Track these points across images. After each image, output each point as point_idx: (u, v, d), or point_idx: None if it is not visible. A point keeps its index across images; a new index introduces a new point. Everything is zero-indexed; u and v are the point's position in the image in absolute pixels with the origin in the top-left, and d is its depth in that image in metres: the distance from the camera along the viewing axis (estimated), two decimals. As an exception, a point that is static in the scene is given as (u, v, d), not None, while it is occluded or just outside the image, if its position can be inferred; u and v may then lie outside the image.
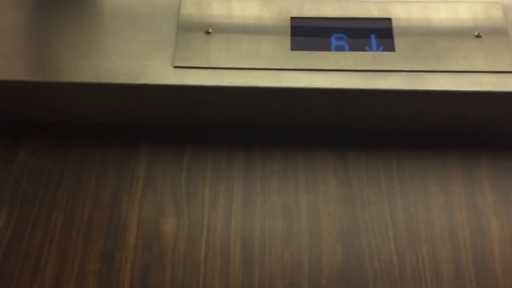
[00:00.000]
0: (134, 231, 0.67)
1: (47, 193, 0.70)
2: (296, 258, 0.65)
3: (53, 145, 0.74)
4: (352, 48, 0.73)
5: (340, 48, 0.73)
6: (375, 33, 0.74)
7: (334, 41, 0.73)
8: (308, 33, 0.74)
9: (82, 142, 0.74)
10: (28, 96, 0.72)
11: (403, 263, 0.65)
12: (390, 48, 0.73)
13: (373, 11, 0.76)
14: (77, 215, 0.68)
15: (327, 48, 0.73)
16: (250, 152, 0.73)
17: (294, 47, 0.72)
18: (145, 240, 0.66)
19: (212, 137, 0.74)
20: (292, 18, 0.75)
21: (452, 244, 0.66)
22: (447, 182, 0.71)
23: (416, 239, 0.67)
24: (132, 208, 0.69)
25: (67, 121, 0.75)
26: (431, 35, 0.73)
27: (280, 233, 0.67)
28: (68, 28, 0.74)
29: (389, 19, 0.75)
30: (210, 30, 0.74)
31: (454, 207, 0.69)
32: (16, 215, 0.68)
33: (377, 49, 0.73)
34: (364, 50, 0.73)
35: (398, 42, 0.73)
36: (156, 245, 0.66)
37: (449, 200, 0.69)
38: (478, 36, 0.73)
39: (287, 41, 0.73)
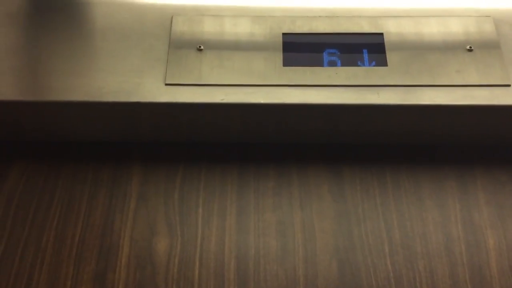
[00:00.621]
0: (127, 250, 0.66)
1: (38, 214, 0.69)
2: (291, 276, 0.65)
3: (44, 164, 0.73)
4: (345, 63, 0.73)
5: (332, 64, 0.73)
6: (367, 48, 0.74)
7: (326, 57, 0.73)
8: (300, 49, 0.74)
9: (73, 161, 0.73)
10: (19, 116, 0.72)
11: (399, 279, 0.64)
12: (383, 63, 0.73)
13: (365, 26, 0.76)
14: (69, 235, 0.67)
15: (319, 63, 0.73)
16: (243, 169, 0.73)
17: (286, 63, 0.72)
18: (137, 260, 0.66)
19: (204, 155, 0.74)
20: (284, 34, 0.75)
21: (448, 259, 0.66)
22: (442, 196, 0.70)
23: (412, 255, 0.66)
24: (125, 228, 0.68)
25: (58, 140, 0.74)
26: (423, 50, 0.74)
27: (275, 251, 0.66)
28: (59, 47, 0.74)
29: (381, 34, 0.75)
30: (201, 47, 0.74)
31: (450, 222, 0.68)
32: (6, 235, 0.67)
33: (370, 64, 0.73)
34: (356, 65, 0.73)
35: (390, 56, 0.73)
36: (149, 265, 0.65)
37: (444, 215, 0.69)
38: (470, 50, 0.73)
39: (279, 57, 0.73)
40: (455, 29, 0.75)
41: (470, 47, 0.74)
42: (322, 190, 0.71)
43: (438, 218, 0.69)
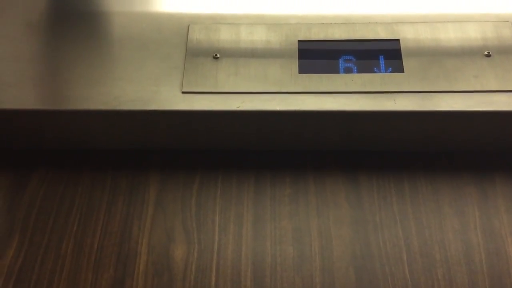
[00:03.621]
0: (145, 257, 0.67)
1: (58, 221, 0.70)
2: (308, 283, 0.64)
3: (64, 172, 0.74)
4: (361, 70, 0.72)
5: (348, 70, 0.73)
6: (384, 55, 0.74)
7: (342, 63, 0.73)
8: (316, 56, 0.74)
9: (92, 169, 0.74)
10: (39, 124, 0.73)
11: None
12: (399, 69, 0.72)
13: (381, 33, 0.75)
14: (88, 242, 0.68)
15: (335, 70, 0.73)
16: (260, 177, 0.73)
17: (302, 70, 0.72)
18: (155, 267, 0.66)
19: (221, 162, 0.74)
20: (299, 41, 0.75)
21: (468, 268, 0.65)
22: (462, 203, 0.69)
23: (431, 263, 0.65)
24: (142, 235, 0.68)
25: (77, 148, 0.75)
26: (440, 55, 0.73)
27: (292, 258, 0.66)
28: (78, 56, 0.75)
29: (397, 40, 0.74)
30: (218, 55, 0.74)
31: (469, 229, 0.68)
32: (27, 243, 0.68)
33: (386, 71, 0.72)
34: (372, 71, 0.72)
35: (406, 63, 0.72)
36: (166, 272, 0.66)
37: (464, 222, 0.68)
38: (488, 55, 0.73)
39: (295, 64, 0.73)
40: (472, 34, 0.75)
41: (488, 52, 0.73)
42: (339, 198, 0.71)
43: (457, 226, 0.68)
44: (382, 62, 0.73)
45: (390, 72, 0.72)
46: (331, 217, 0.69)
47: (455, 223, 0.68)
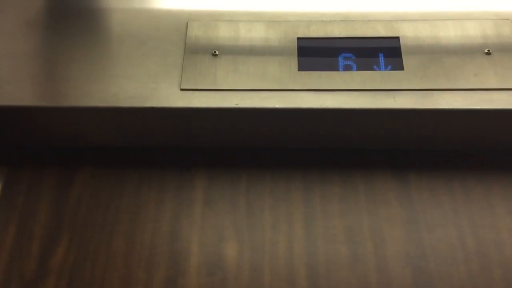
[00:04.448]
0: (196, 256, 0.65)
1: (107, 219, 0.68)
2: (363, 283, 0.62)
3: (110, 170, 0.72)
4: (360, 68, 0.72)
5: (348, 68, 0.72)
6: (383, 52, 0.73)
7: (341, 61, 0.73)
8: (315, 54, 0.74)
9: (139, 166, 0.72)
10: (82, 122, 0.72)
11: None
12: (399, 67, 0.72)
13: (381, 30, 0.75)
14: (138, 240, 0.66)
15: (334, 68, 0.72)
16: (308, 175, 0.71)
17: (301, 67, 0.72)
18: (207, 266, 0.64)
19: (269, 160, 0.72)
20: (298, 38, 0.75)
21: None
22: None
23: (488, 263, 0.63)
24: (193, 233, 0.66)
25: (123, 146, 0.73)
26: (440, 53, 0.73)
27: (345, 258, 0.64)
28: (76, 53, 0.75)
29: (397, 38, 0.74)
30: (217, 52, 0.74)
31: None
32: (76, 240, 0.66)
33: (386, 68, 0.72)
34: (372, 69, 0.72)
35: (406, 60, 0.72)
36: (219, 271, 0.64)
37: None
38: (488, 53, 0.72)
39: (294, 61, 0.73)
40: (472, 32, 0.74)
41: (488, 50, 0.73)
42: (389, 197, 0.69)
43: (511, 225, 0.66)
44: (381, 60, 0.73)
45: (390, 70, 0.72)
46: (382, 216, 0.67)
47: (509, 222, 0.66)
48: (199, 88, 0.71)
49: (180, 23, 0.77)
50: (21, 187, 0.71)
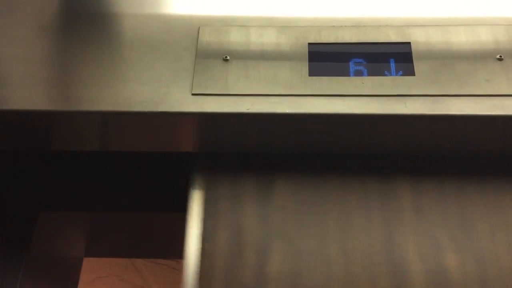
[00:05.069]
0: (418, 266, 0.63)
1: (316, 226, 0.67)
2: None
3: (310, 176, 0.71)
4: (371, 73, 0.72)
5: (358, 73, 0.72)
6: (394, 58, 0.73)
7: (352, 66, 0.73)
8: (326, 59, 0.74)
9: (339, 173, 0.71)
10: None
11: None
12: (410, 72, 0.72)
13: (392, 36, 0.75)
14: (352, 248, 0.65)
15: (345, 73, 0.72)
16: None
17: (312, 73, 0.72)
18: (430, 276, 0.62)
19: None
20: (309, 44, 0.75)
21: None
22: None
23: None
24: (408, 242, 0.65)
25: (321, 152, 0.73)
26: (452, 59, 0.73)
27: None
28: (88, 58, 0.75)
29: (408, 43, 0.74)
30: (228, 57, 0.74)
31: None
32: (293, 250, 0.65)
33: (397, 74, 0.72)
34: (383, 74, 0.72)
35: (417, 66, 0.72)
36: (443, 283, 0.61)
37: None
38: (500, 59, 0.72)
39: (305, 67, 0.73)
40: (484, 38, 0.74)
41: (500, 56, 0.72)
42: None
43: None
44: (392, 65, 0.73)
45: (401, 75, 0.72)
46: None
47: None
48: (210, 93, 0.71)
49: (192, 28, 0.77)
50: (222, 193, 0.70)
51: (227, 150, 0.74)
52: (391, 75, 0.72)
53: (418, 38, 0.75)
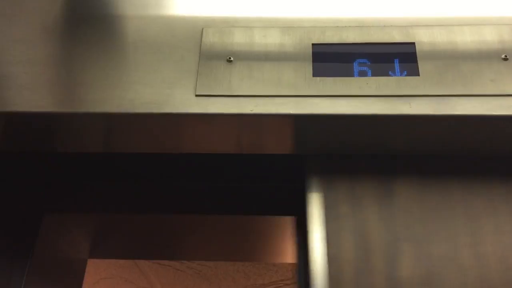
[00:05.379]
0: None
1: (443, 227, 0.66)
2: None
3: (432, 178, 0.71)
4: (375, 73, 0.72)
5: (363, 74, 0.72)
6: (399, 58, 0.73)
7: (356, 67, 0.73)
8: (330, 59, 0.74)
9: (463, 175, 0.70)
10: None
11: None
12: (414, 72, 0.71)
13: (396, 36, 0.75)
14: (483, 252, 0.64)
15: (349, 73, 0.72)
16: None
17: (316, 73, 0.72)
18: None
19: None
20: (313, 44, 0.74)
21: None
22: None
23: None
24: None
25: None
26: (456, 59, 0.72)
27: None
28: (93, 60, 0.75)
29: (413, 44, 0.74)
30: (231, 58, 0.74)
31: None
32: (424, 252, 0.64)
33: (401, 74, 0.72)
34: (387, 75, 0.72)
35: (422, 66, 0.72)
36: None
37: None
38: (505, 59, 0.72)
39: (309, 67, 0.73)
40: (489, 37, 0.74)
41: (506, 56, 0.72)
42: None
43: None
44: (397, 65, 0.72)
45: (405, 75, 0.72)
46: None
47: None
48: (214, 94, 0.71)
49: (196, 30, 0.77)
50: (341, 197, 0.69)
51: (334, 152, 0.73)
52: (395, 75, 0.72)
53: (423, 38, 0.74)
